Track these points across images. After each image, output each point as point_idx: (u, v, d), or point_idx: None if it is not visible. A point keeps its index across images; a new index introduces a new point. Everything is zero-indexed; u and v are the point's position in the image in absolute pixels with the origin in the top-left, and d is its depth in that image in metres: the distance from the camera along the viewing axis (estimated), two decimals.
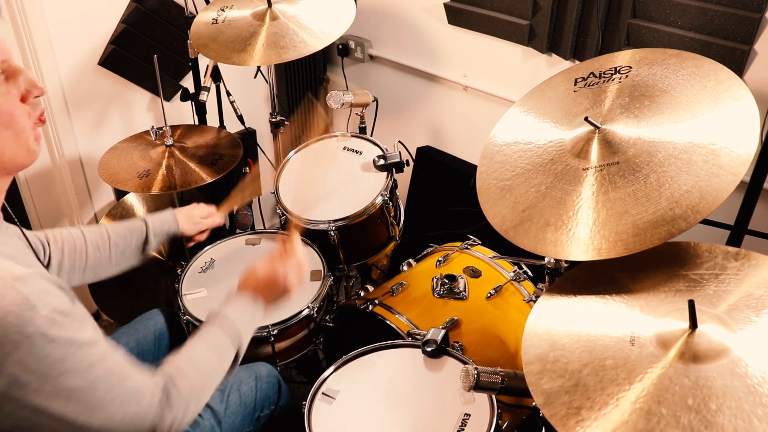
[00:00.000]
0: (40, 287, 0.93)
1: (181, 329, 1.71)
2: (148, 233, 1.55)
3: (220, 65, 2.25)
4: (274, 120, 2.33)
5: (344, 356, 1.51)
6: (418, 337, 1.56)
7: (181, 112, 2.54)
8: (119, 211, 2.41)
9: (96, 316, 2.57)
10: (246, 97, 2.62)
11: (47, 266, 1.37)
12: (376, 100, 2.23)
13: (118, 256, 1.52)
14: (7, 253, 1.01)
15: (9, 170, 1.05)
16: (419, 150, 2.64)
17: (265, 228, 2.41)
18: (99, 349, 0.98)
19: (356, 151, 2.03)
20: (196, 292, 1.77)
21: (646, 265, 1.15)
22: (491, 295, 1.75)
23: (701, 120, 1.19)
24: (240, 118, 2.34)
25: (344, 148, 2.05)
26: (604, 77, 1.39)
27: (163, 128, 2.05)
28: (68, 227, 1.47)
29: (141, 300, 2.41)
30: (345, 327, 1.81)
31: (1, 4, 1.99)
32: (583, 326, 1.09)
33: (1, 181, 1.06)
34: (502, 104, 2.34)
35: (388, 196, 1.88)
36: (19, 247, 1.10)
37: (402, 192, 2.30)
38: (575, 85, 1.43)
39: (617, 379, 0.97)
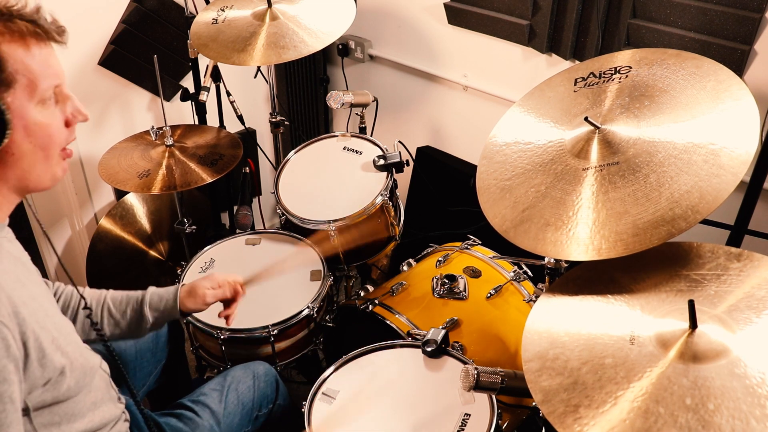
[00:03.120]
0: None
1: (178, 326, 1.71)
2: (143, 303, 1.39)
3: (220, 65, 2.25)
4: (274, 120, 2.33)
5: (344, 356, 1.51)
6: (418, 337, 1.56)
7: (181, 112, 2.54)
8: (119, 212, 2.41)
9: None
10: (246, 97, 2.62)
11: None
12: (376, 100, 2.23)
13: (111, 326, 1.39)
14: None
15: (29, 189, 1.06)
16: (419, 150, 2.64)
17: (265, 228, 2.41)
18: None
19: (356, 151, 2.03)
20: None
21: (648, 265, 1.15)
22: (491, 295, 1.75)
23: (701, 120, 1.19)
24: (240, 118, 2.34)
25: (344, 148, 2.05)
26: (604, 77, 1.39)
27: (163, 128, 2.05)
28: (67, 285, 1.38)
29: None
30: (345, 327, 1.82)
31: None
32: (583, 325, 1.09)
33: (13, 197, 1.06)
34: (502, 104, 2.34)
35: (388, 196, 1.88)
36: (8, 255, 1.07)
37: (402, 192, 2.30)
38: (575, 85, 1.43)
39: (616, 378, 0.97)
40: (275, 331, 1.65)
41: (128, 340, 1.48)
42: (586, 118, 1.28)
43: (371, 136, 2.09)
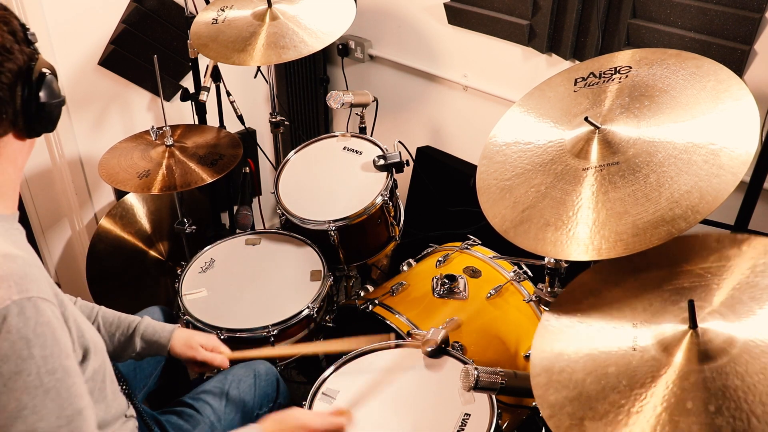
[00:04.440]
0: (26, 271, 0.93)
1: None
2: (136, 330, 1.41)
3: (220, 65, 2.25)
4: (274, 120, 2.33)
5: (344, 356, 1.51)
6: (418, 337, 1.56)
7: (181, 112, 2.54)
8: (119, 212, 2.41)
9: None
10: (246, 97, 2.62)
11: None
12: (376, 100, 2.23)
13: None
14: (9, 238, 1.01)
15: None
16: (419, 150, 2.64)
17: (265, 228, 2.41)
18: (57, 363, 0.93)
19: (356, 151, 2.03)
20: (196, 292, 1.77)
21: (649, 264, 1.14)
22: (491, 295, 1.75)
23: (701, 120, 1.19)
24: (240, 118, 2.34)
25: (344, 148, 2.05)
26: (604, 77, 1.39)
27: (163, 128, 2.05)
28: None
29: (141, 300, 2.41)
30: (345, 327, 1.82)
31: None
32: (588, 335, 1.09)
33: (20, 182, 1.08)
34: (502, 104, 2.34)
35: (388, 196, 1.88)
36: (24, 244, 1.09)
37: (402, 192, 2.30)
38: (575, 85, 1.43)
39: (618, 387, 0.97)
40: (275, 331, 1.65)
41: None
42: (586, 118, 1.28)
43: (371, 136, 2.09)
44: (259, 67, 2.47)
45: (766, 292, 1.01)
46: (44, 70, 1.03)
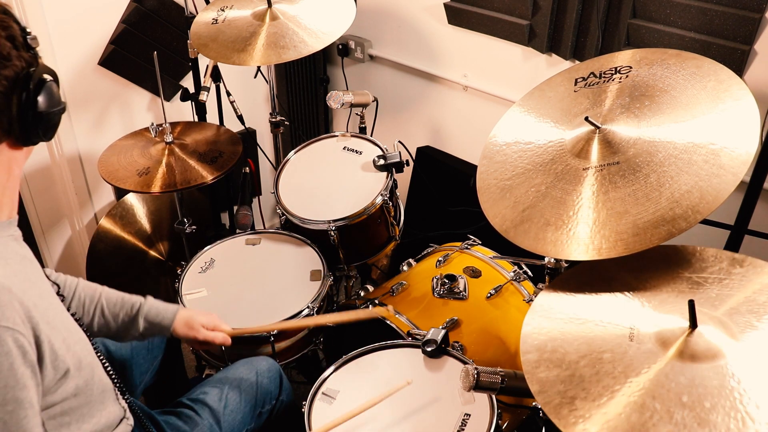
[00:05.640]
0: None
1: None
2: (139, 311, 1.40)
3: (220, 65, 2.25)
4: (274, 120, 2.33)
5: (344, 356, 1.51)
6: (418, 337, 1.56)
7: (181, 112, 2.54)
8: (119, 212, 2.41)
9: None
10: (246, 97, 2.62)
11: None
12: (376, 100, 2.23)
13: (99, 325, 1.39)
14: None
15: None
16: (419, 150, 2.64)
17: (265, 228, 2.41)
18: (10, 395, 0.91)
19: (356, 151, 2.03)
20: (196, 292, 1.77)
21: (650, 265, 1.15)
22: (491, 295, 1.75)
23: (701, 120, 1.19)
24: (240, 118, 2.34)
25: (344, 148, 2.05)
26: (604, 77, 1.39)
27: (163, 125, 2.05)
28: (65, 275, 1.38)
29: None
30: (345, 327, 1.81)
31: None
32: (584, 320, 1.09)
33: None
34: (502, 104, 2.34)
35: (388, 196, 1.88)
36: (14, 252, 1.07)
37: (402, 192, 2.30)
38: (575, 85, 1.43)
39: (614, 373, 0.97)
40: (275, 331, 1.65)
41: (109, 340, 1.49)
42: (586, 118, 1.28)
43: (371, 136, 2.09)
44: (259, 67, 2.47)
45: (763, 307, 1.02)
46: (44, 76, 1.00)
